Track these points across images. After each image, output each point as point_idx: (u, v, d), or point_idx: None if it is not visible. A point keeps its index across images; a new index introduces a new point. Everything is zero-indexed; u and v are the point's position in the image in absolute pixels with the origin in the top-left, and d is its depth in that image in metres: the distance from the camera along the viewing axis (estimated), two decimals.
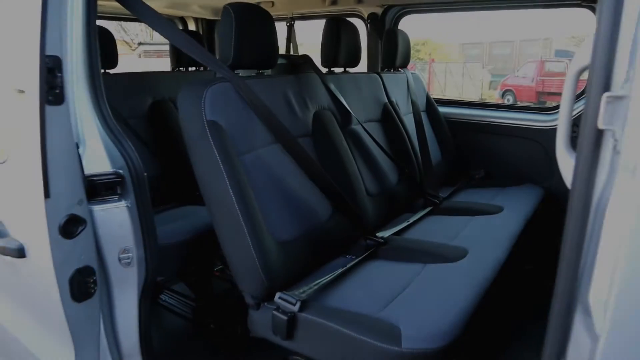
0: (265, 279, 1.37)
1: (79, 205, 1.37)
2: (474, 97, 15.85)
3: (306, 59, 1.93)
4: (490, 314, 1.55)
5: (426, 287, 1.43)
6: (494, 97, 15.81)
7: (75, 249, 1.37)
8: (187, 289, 2.30)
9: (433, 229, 1.95)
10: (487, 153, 2.77)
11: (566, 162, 0.73)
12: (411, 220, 2.03)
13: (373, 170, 2.08)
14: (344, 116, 2.01)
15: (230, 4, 1.49)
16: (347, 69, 2.26)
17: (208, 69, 2.68)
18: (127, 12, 1.48)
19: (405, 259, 1.65)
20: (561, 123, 0.72)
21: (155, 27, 1.47)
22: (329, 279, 1.46)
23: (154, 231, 1.50)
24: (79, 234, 1.37)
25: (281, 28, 3.42)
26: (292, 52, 3.42)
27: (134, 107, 2.40)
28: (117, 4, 1.45)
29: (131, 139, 2.30)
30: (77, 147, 1.44)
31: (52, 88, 1.26)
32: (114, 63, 2.38)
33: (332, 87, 1.96)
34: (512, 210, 2.12)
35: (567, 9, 2.60)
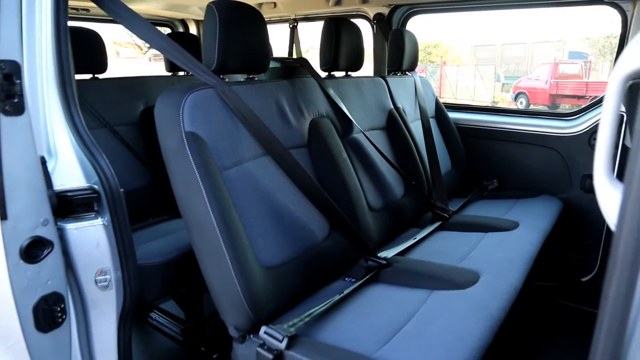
0: (249, 310, 1.21)
1: (44, 226, 1.24)
2: (486, 100, 15.60)
3: (303, 62, 1.78)
4: (504, 350, 1.38)
5: (431, 319, 1.27)
6: (506, 100, 15.56)
7: (40, 274, 1.24)
8: (178, 307, 2.16)
9: (441, 248, 1.78)
10: (500, 162, 2.59)
11: (608, 195, 0.56)
12: (418, 237, 1.86)
13: (376, 183, 1.92)
14: (345, 124, 1.85)
15: (214, 2, 1.34)
16: (349, 73, 2.11)
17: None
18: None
19: (410, 284, 1.48)
20: (601, 144, 0.55)
21: (131, 28, 1.33)
22: (322, 308, 1.30)
23: (132, 252, 1.37)
24: (44, 257, 1.24)
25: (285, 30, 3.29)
26: (295, 56, 3.28)
27: (124, 114, 2.26)
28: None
29: (119, 148, 2.21)
30: (44, 161, 1.31)
31: (9, 97, 1.12)
32: (103, 67, 2.25)
33: (331, 92, 1.80)
34: (529, 226, 1.94)
35: (584, 8, 2.43)
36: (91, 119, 2.14)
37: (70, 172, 1.34)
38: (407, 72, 2.60)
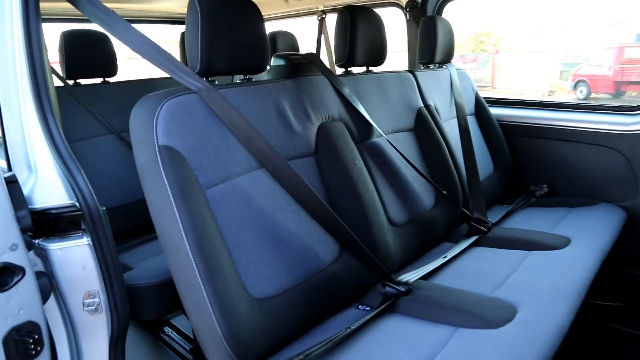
0: (231, 352, 1.04)
1: (13, 252, 1.12)
2: (542, 89, 14.70)
3: (312, 57, 1.57)
4: None
5: None
6: (564, 89, 14.59)
7: (9, 304, 1.13)
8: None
9: (474, 270, 1.53)
10: (551, 164, 2.27)
11: None
12: (448, 256, 1.62)
13: (400, 194, 1.68)
14: (362, 127, 1.63)
15: None
16: (371, 68, 1.88)
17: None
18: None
19: (432, 318, 1.26)
20: None
21: (108, 28, 1.18)
22: (321, 349, 1.10)
23: (117, 275, 1.25)
24: (14, 285, 1.13)
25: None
26: (326, 52, 3.08)
27: None
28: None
29: (128, 155, 2.10)
30: (14, 180, 1.20)
31: None
32: (112, 70, 2.15)
33: (346, 91, 1.59)
34: (583, 243, 1.64)
35: None
36: (99, 125, 2.05)
37: (52, 189, 1.24)
38: (442, 65, 2.33)
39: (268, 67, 1.54)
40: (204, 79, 1.21)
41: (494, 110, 2.42)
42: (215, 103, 1.16)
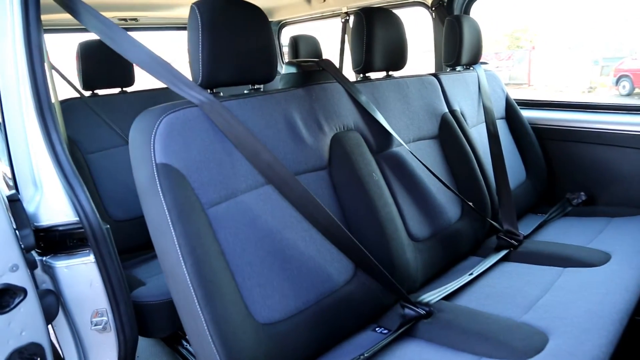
0: None
1: (13, 273, 1.10)
2: (582, 87, 14.11)
3: (325, 63, 1.49)
4: None
5: None
6: (605, 85, 13.96)
7: (11, 326, 1.11)
8: None
9: (502, 289, 1.41)
10: (589, 170, 2.12)
11: None
12: (474, 273, 1.50)
13: (422, 206, 1.58)
14: (381, 136, 1.54)
15: (196, 2, 1.11)
16: (391, 73, 1.78)
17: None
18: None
19: (453, 344, 1.16)
20: None
21: (107, 40, 1.15)
22: None
23: (124, 294, 1.22)
24: (15, 306, 1.10)
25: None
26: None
27: None
28: None
29: None
30: (15, 199, 1.18)
31: None
32: (130, 80, 2.13)
33: (363, 99, 1.50)
34: (624, 259, 1.50)
35: None
36: (117, 136, 2.03)
37: (57, 206, 1.22)
38: (469, 67, 2.21)
39: (279, 75, 1.47)
40: (208, 90, 1.16)
41: (526, 113, 2.28)
42: (218, 116, 1.10)
